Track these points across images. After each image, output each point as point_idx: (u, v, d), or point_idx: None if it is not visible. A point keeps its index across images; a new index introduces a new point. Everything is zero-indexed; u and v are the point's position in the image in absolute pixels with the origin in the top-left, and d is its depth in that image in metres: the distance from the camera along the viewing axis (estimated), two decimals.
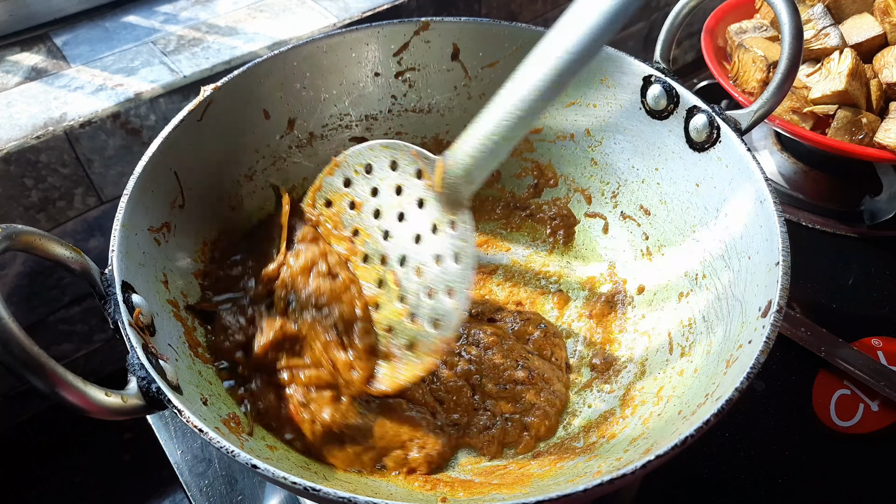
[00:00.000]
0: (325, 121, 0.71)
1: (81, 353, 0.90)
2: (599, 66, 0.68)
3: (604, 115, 0.70)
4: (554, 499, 0.39)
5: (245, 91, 0.64)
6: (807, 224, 0.88)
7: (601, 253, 0.73)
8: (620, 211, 0.72)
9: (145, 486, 0.90)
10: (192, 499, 0.63)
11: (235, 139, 0.65)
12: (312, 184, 0.64)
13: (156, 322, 0.50)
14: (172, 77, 0.79)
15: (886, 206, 0.83)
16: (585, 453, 0.56)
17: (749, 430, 0.68)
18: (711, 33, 0.92)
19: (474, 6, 1.03)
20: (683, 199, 0.65)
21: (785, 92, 0.58)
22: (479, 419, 0.61)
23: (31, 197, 0.75)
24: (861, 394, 0.70)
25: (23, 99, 0.76)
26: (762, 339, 0.46)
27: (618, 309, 0.69)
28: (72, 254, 0.46)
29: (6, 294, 0.78)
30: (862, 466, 0.66)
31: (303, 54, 0.66)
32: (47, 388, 0.39)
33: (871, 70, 0.83)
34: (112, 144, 0.77)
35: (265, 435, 0.55)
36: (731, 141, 0.60)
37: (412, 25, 0.69)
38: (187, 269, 0.60)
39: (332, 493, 0.39)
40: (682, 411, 0.51)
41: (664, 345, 0.62)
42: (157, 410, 0.43)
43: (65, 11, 0.86)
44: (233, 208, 0.66)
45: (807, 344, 0.73)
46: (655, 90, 0.65)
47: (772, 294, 0.48)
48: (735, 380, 0.44)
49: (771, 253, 0.51)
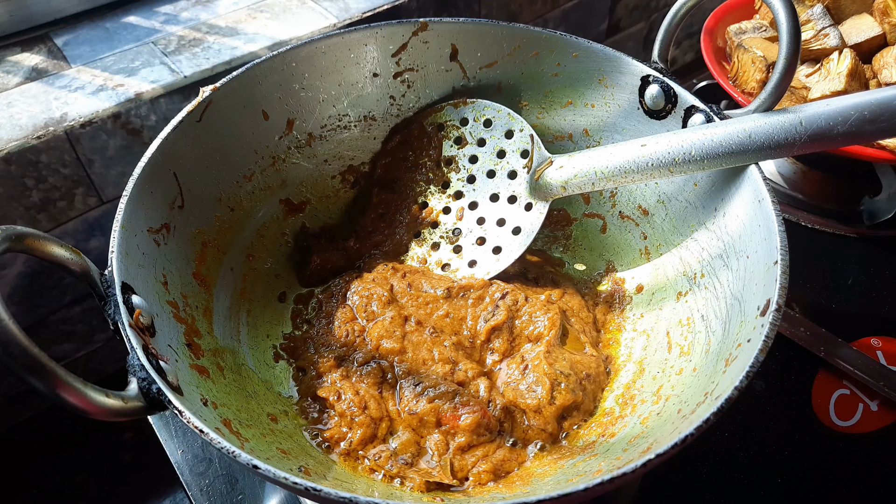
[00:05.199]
0: (324, 121, 0.71)
1: (82, 353, 0.90)
2: (598, 66, 0.68)
3: (602, 115, 0.71)
4: (554, 498, 0.39)
5: (244, 92, 0.64)
6: (806, 224, 0.88)
7: (599, 252, 0.74)
8: (619, 211, 0.72)
9: (146, 486, 0.90)
10: (192, 498, 0.64)
11: (234, 140, 0.65)
12: (437, 106, 0.72)
13: (156, 323, 0.50)
14: (173, 77, 0.79)
15: (886, 206, 0.83)
16: (585, 452, 0.56)
17: (748, 430, 0.68)
18: (711, 34, 0.92)
19: (474, 7, 1.03)
20: (682, 198, 0.65)
21: (783, 91, 0.58)
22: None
23: (32, 197, 0.75)
24: (860, 393, 0.70)
25: (23, 99, 0.76)
26: (761, 337, 0.46)
27: (616, 308, 0.69)
28: (72, 255, 0.46)
29: (7, 294, 0.78)
30: (861, 466, 0.67)
31: (301, 55, 0.67)
32: (48, 390, 0.39)
33: (871, 70, 0.83)
34: (113, 145, 0.77)
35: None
36: None
37: (410, 26, 0.69)
38: (186, 270, 0.60)
39: (332, 493, 0.39)
40: (681, 410, 0.51)
41: (663, 344, 0.62)
42: (157, 411, 0.43)
43: (65, 12, 0.86)
44: (232, 209, 0.66)
45: (806, 344, 0.73)
46: (653, 90, 0.65)
47: (770, 293, 0.49)
48: (734, 378, 0.44)
49: (769, 252, 0.51)
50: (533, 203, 0.67)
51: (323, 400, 0.60)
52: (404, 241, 0.72)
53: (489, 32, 0.70)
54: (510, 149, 0.68)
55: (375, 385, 0.60)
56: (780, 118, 0.54)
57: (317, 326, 0.67)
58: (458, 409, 0.57)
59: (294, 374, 0.63)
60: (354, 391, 0.59)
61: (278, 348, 0.66)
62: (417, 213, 0.72)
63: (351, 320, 0.65)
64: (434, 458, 0.56)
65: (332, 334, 0.65)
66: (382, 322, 0.64)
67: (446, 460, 0.56)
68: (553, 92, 0.72)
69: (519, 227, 0.67)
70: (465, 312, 0.66)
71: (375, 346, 0.63)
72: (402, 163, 0.74)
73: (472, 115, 0.71)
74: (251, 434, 0.52)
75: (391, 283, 0.67)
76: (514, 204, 0.68)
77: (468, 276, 0.68)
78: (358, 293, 0.67)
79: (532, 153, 0.67)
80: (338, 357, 0.63)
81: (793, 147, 0.54)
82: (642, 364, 0.63)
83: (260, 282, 0.68)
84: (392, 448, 0.57)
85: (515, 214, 0.68)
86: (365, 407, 0.58)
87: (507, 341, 0.64)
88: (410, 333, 0.64)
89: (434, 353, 0.62)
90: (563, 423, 0.59)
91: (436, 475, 0.55)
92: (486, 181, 0.70)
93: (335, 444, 0.57)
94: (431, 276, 0.68)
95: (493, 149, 0.70)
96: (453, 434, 0.57)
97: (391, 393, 0.61)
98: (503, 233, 0.68)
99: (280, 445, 0.54)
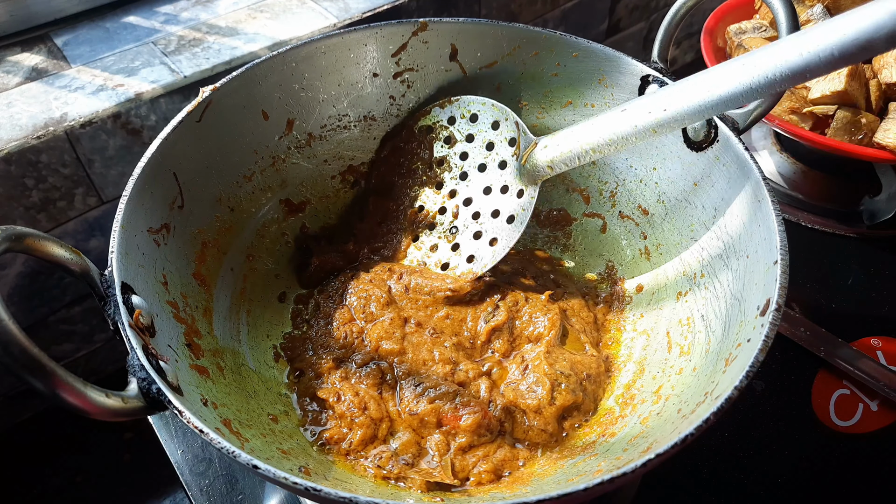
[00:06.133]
0: (324, 121, 0.71)
1: (82, 353, 0.90)
2: (597, 66, 0.68)
3: None
4: (555, 498, 0.39)
5: (244, 92, 0.64)
6: (806, 224, 0.88)
7: (599, 252, 0.74)
8: (619, 210, 0.72)
9: (146, 486, 0.90)
10: (192, 498, 0.64)
11: (234, 140, 0.65)
12: (423, 109, 0.73)
13: (156, 323, 0.50)
14: (173, 77, 0.79)
15: (885, 206, 0.83)
16: (585, 452, 0.56)
17: (748, 430, 0.68)
18: (711, 34, 0.92)
19: (474, 7, 1.03)
20: (681, 198, 0.65)
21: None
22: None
23: (32, 197, 0.75)
24: (860, 393, 0.70)
25: (23, 99, 0.76)
26: (761, 337, 0.46)
27: (616, 308, 0.69)
28: (72, 255, 0.46)
29: (6, 294, 0.78)
30: (861, 466, 0.67)
31: (301, 55, 0.67)
32: (48, 390, 0.39)
33: (871, 70, 0.83)
34: (113, 145, 0.77)
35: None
36: (729, 140, 0.60)
37: (410, 26, 0.69)
38: (186, 270, 0.60)
39: (333, 494, 0.39)
40: (681, 410, 0.51)
41: (663, 344, 0.62)
42: (157, 411, 0.43)
43: (65, 12, 0.86)
44: (232, 209, 0.66)
45: (806, 344, 0.73)
46: (653, 90, 0.65)
47: (770, 293, 0.49)
48: (735, 378, 0.44)
49: (769, 252, 0.51)
50: (524, 189, 0.66)
51: (322, 401, 0.60)
52: (403, 247, 0.72)
53: (489, 32, 0.70)
54: (498, 139, 0.68)
55: (375, 386, 0.60)
56: (755, 60, 0.49)
57: (315, 328, 0.67)
58: (459, 409, 0.57)
59: (289, 374, 0.63)
60: (354, 392, 0.59)
61: (278, 348, 0.66)
62: (414, 216, 0.73)
63: (349, 321, 0.65)
64: (435, 459, 0.56)
65: (331, 335, 0.65)
66: (382, 323, 0.64)
67: (447, 460, 0.56)
68: (553, 92, 0.72)
69: (512, 216, 0.67)
70: (465, 314, 0.66)
71: (375, 348, 0.63)
72: (395, 170, 0.74)
73: (458, 113, 0.71)
74: (251, 434, 0.52)
75: (388, 285, 0.67)
76: (506, 193, 0.68)
77: (466, 271, 0.68)
78: (356, 294, 0.67)
79: (518, 139, 0.67)
80: (336, 358, 0.63)
81: (774, 84, 0.48)
82: (642, 364, 0.63)
83: (260, 282, 0.68)
84: (393, 448, 0.57)
85: (508, 203, 0.68)
86: (365, 408, 0.58)
87: (508, 342, 0.64)
88: (410, 335, 0.64)
89: (434, 354, 0.62)
90: (564, 424, 0.59)
91: (437, 475, 0.55)
92: (478, 175, 0.70)
93: (335, 445, 0.57)
94: (428, 275, 0.68)
95: (481, 142, 0.70)
96: (454, 434, 0.57)
97: (391, 394, 0.61)
98: (498, 223, 0.68)
99: (280, 446, 0.54)
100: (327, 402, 0.60)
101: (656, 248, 0.68)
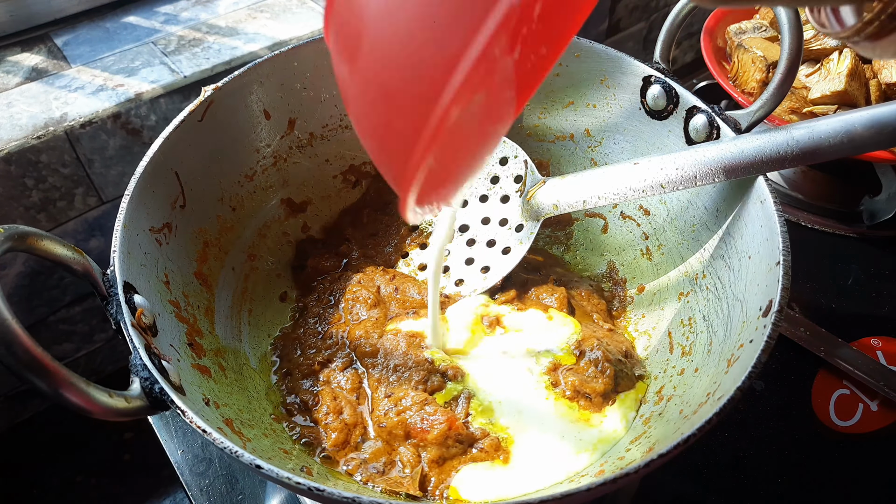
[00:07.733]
0: (326, 121, 0.71)
1: (82, 353, 0.90)
2: (599, 67, 0.68)
3: (603, 116, 0.71)
4: (557, 497, 0.39)
5: (246, 91, 0.64)
6: (806, 224, 0.88)
7: (601, 252, 0.74)
8: (620, 211, 0.72)
9: (146, 486, 0.90)
10: (192, 498, 0.63)
11: (236, 139, 0.65)
12: None
13: (158, 322, 0.50)
14: (173, 77, 0.79)
15: (886, 206, 0.83)
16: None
17: (749, 430, 0.68)
18: (711, 34, 0.92)
19: None
20: (683, 199, 0.66)
21: (785, 92, 0.58)
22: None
23: (32, 197, 0.75)
24: (860, 393, 0.70)
25: (23, 99, 0.76)
26: (763, 338, 0.46)
27: (617, 308, 0.69)
28: (74, 254, 0.46)
29: (7, 294, 0.78)
30: (861, 466, 0.67)
31: (303, 55, 0.66)
32: (51, 390, 0.39)
33: (871, 70, 0.83)
34: (112, 145, 0.77)
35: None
36: None
37: None
38: (188, 269, 0.60)
39: (336, 493, 0.39)
40: (682, 410, 0.51)
41: (664, 344, 0.62)
42: (160, 411, 0.43)
43: (65, 12, 0.86)
44: (233, 208, 0.66)
45: (806, 344, 0.73)
46: (655, 90, 0.65)
47: (773, 294, 0.49)
48: (737, 379, 0.44)
49: (771, 252, 0.51)
50: (524, 223, 0.67)
51: (305, 402, 0.60)
52: (392, 262, 0.72)
53: None
54: (504, 174, 0.68)
55: (353, 390, 0.60)
56: (772, 137, 0.54)
57: (303, 328, 0.66)
58: (426, 420, 0.56)
59: (277, 372, 0.63)
60: (332, 396, 0.59)
61: (272, 348, 0.65)
62: (407, 234, 0.73)
63: (336, 322, 0.65)
64: (407, 469, 0.55)
65: (318, 336, 0.65)
66: (364, 324, 0.64)
67: (417, 472, 0.54)
68: (554, 92, 0.72)
69: (509, 248, 0.67)
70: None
71: (353, 349, 0.62)
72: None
73: None
74: (253, 434, 0.52)
75: (378, 285, 0.67)
76: (504, 226, 0.68)
77: (454, 294, 0.68)
78: (344, 296, 0.67)
79: (525, 177, 0.67)
80: (320, 361, 0.62)
81: (783, 163, 0.54)
82: (643, 364, 0.63)
83: (261, 281, 0.68)
84: (362, 458, 0.56)
85: (506, 235, 0.68)
86: (340, 412, 0.58)
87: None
88: (386, 340, 0.62)
89: (408, 359, 0.60)
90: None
91: (405, 485, 0.53)
92: (479, 205, 0.70)
93: (317, 446, 0.57)
94: (420, 283, 0.68)
95: (486, 175, 0.69)
96: (423, 446, 0.55)
97: (368, 399, 0.60)
98: (492, 253, 0.68)
99: (282, 445, 0.54)
100: (307, 404, 0.59)
101: (658, 249, 0.68)
